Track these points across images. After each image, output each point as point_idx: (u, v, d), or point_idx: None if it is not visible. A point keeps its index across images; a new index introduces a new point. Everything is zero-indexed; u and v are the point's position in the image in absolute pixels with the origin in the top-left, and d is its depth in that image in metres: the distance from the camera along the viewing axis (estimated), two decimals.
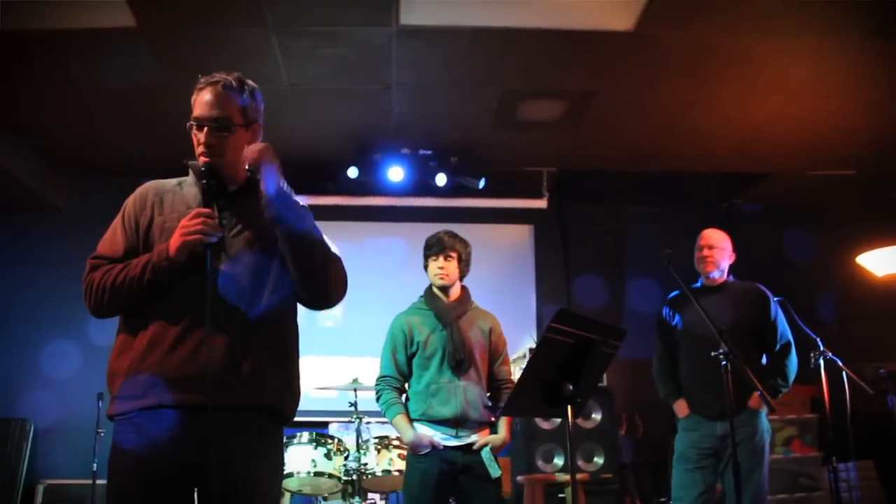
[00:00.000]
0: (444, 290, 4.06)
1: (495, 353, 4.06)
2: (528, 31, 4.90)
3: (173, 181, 2.44)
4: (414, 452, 3.89)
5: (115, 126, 6.07)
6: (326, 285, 2.38)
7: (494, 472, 3.84)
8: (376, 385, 4.05)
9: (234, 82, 2.37)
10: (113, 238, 2.34)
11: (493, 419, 3.97)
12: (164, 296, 2.23)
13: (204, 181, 2.30)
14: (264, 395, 2.26)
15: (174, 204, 2.36)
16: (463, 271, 4.09)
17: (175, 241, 2.20)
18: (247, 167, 2.33)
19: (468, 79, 5.53)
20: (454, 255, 4.02)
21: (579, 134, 6.30)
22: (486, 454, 3.86)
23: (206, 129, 2.31)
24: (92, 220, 6.67)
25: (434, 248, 4.04)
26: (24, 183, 6.35)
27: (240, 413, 2.19)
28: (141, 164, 6.70)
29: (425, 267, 4.10)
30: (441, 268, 4.00)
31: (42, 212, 6.72)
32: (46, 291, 6.39)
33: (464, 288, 4.14)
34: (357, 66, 5.32)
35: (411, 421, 3.92)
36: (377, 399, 4.03)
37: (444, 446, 3.84)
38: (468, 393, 3.88)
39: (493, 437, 3.93)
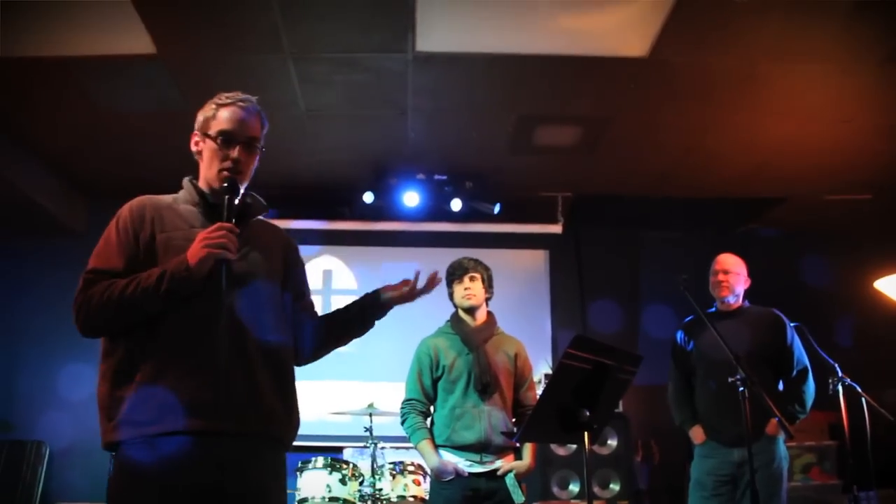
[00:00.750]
0: (471, 312, 4.09)
1: (521, 378, 4.08)
2: (543, 57, 4.92)
3: (168, 197, 2.34)
4: (437, 479, 3.89)
5: (136, 151, 6.11)
6: (318, 355, 2.49)
7: (518, 498, 3.84)
8: (401, 408, 4.07)
9: (258, 106, 2.37)
10: (108, 252, 2.20)
11: (517, 445, 3.97)
12: (170, 315, 2.11)
13: (227, 196, 2.21)
14: (274, 423, 2.22)
15: (175, 221, 2.26)
16: (488, 292, 4.13)
17: (198, 252, 2.08)
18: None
19: (484, 104, 5.55)
20: (477, 275, 4.07)
21: (594, 159, 6.30)
22: (510, 480, 3.86)
23: (238, 145, 2.28)
24: None
25: (457, 272, 4.09)
26: (46, 207, 6.40)
27: (253, 440, 2.15)
28: (161, 188, 6.75)
29: (450, 295, 4.13)
30: (467, 289, 4.05)
31: (63, 236, 6.75)
32: (64, 315, 6.36)
33: (489, 313, 4.17)
34: (373, 91, 5.36)
35: (436, 447, 3.93)
36: (402, 422, 4.04)
37: (469, 473, 3.84)
38: (492, 418, 3.89)
39: (518, 462, 3.93)
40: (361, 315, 2.52)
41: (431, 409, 4.07)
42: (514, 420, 4.05)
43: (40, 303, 6.56)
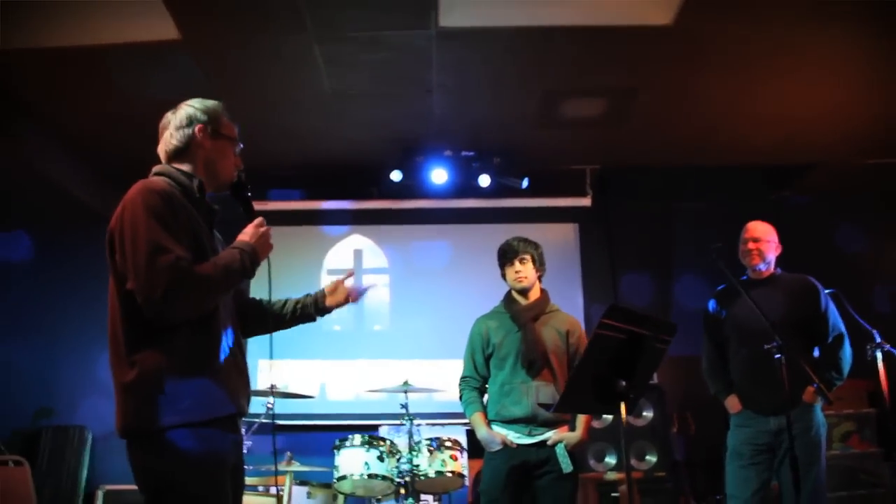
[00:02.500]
0: (523, 292, 4.16)
1: (575, 354, 4.11)
2: (567, 28, 4.89)
3: (166, 187, 2.37)
4: (487, 449, 4.02)
5: (156, 132, 6.12)
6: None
7: (567, 467, 3.89)
8: (459, 385, 4.21)
9: None
10: (171, 234, 2.21)
11: (569, 418, 4.04)
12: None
13: (245, 191, 2.56)
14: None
15: (193, 215, 2.36)
16: (539, 271, 4.19)
17: (265, 246, 2.42)
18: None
19: (509, 79, 5.53)
20: (527, 257, 4.12)
21: (622, 130, 6.26)
22: (560, 450, 3.92)
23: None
24: None
25: (508, 254, 4.15)
26: (77, 196, 6.48)
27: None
28: None
29: (503, 276, 4.20)
30: (518, 271, 4.11)
31: (94, 224, 6.69)
32: (102, 301, 6.47)
33: (543, 291, 4.23)
34: (398, 69, 5.35)
35: (488, 420, 4.04)
36: (459, 398, 4.19)
37: (518, 445, 3.94)
38: (541, 393, 3.95)
39: (569, 434, 4.00)
40: (301, 315, 2.79)
41: (486, 385, 4.17)
42: None
43: (78, 290, 6.63)
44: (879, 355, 4.26)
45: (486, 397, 4.16)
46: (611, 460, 5.76)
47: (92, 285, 6.74)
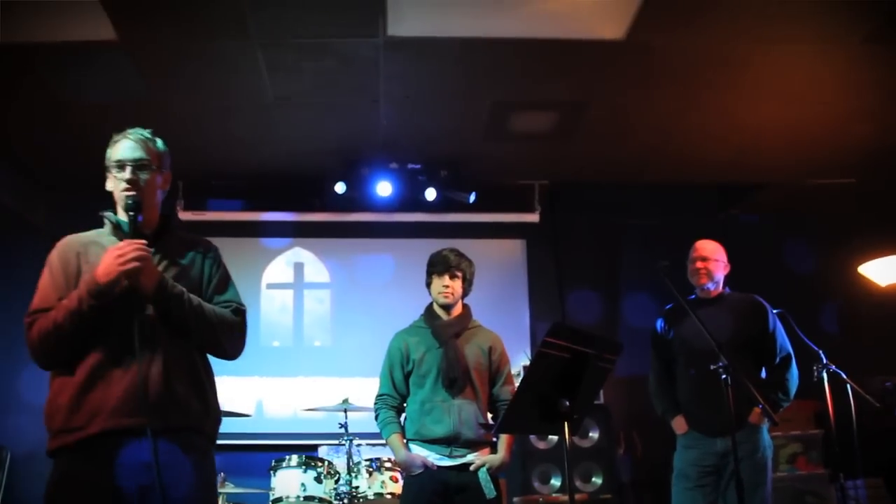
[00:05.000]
0: (446, 308, 4.07)
1: (496, 372, 4.05)
2: (517, 41, 4.84)
3: (92, 233, 2.63)
4: (406, 473, 3.92)
5: (96, 141, 5.82)
6: (218, 349, 2.64)
7: (490, 492, 3.80)
8: (375, 404, 4.07)
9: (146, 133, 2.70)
10: (43, 293, 2.48)
11: (493, 439, 3.96)
12: (95, 333, 2.39)
13: (131, 213, 2.51)
14: (191, 416, 2.49)
15: (98, 253, 2.49)
16: (466, 290, 4.10)
17: (108, 268, 2.35)
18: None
19: (457, 90, 5.46)
20: (459, 274, 4.03)
21: (572, 145, 6.23)
22: (482, 474, 3.84)
23: (130, 167, 2.58)
24: None
25: (439, 265, 4.04)
26: (1, 200, 6.23)
27: (173, 434, 2.41)
28: None
29: (428, 284, 4.11)
30: (446, 286, 4.01)
31: (20, 231, 6.58)
32: (24, 313, 6.22)
33: (465, 306, 4.15)
34: (344, 78, 5.25)
35: (406, 440, 3.94)
36: (375, 417, 4.05)
37: (438, 466, 3.83)
38: (462, 412, 3.87)
39: (491, 457, 3.91)
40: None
41: (404, 404, 4.06)
42: (490, 415, 4.03)
43: None
44: (825, 376, 4.27)
45: (403, 416, 4.05)
46: (556, 482, 5.71)
47: (13, 296, 6.51)
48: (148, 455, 2.28)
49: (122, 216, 2.58)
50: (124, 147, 2.61)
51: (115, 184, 2.59)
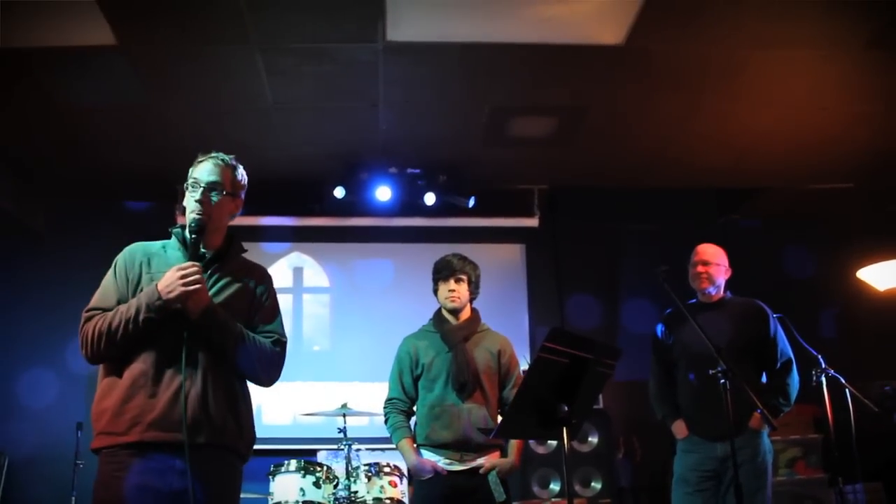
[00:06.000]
0: (454, 312, 4.08)
1: (506, 375, 4.06)
2: (517, 45, 4.84)
3: (158, 244, 2.76)
4: (416, 478, 3.92)
5: (95, 147, 5.98)
6: (254, 378, 2.74)
7: (499, 496, 3.83)
8: (384, 407, 4.09)
9: (229, 158, 2.80)
10: (104, 292, 2.63)
11: (503, 442, 3.97)
12: (146, 343, 2.51)
13: (194, 235, 2.62)
14: (225, 435, 2.58)
15: (160, 265, 2.64)
16: (473, 293, 4.12)
17: (171, 288, 2.45)
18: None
19: (457, 95, 5.46)
20: (464, 277, 4.05)
21: (571, 150, 6.22)
22: (492, 478, 3.85)
23: (202, 190, 2.67)
24: (71, 244, 6.64)
25: (444, 271, 4.07)
26: (0, 206, 6.21)
27: (207, 450, 2.51)
28: (121, 186, 6.63)
29: (435, 291, 4.12)
30: (452, 290, 4.03)
31: (19, 236, 6.59)
32: (24, 318, 6.28)
33: (474, 310, 4.16)
34: (343, 83, 5.26)
35: (416, 445, 3.95)
36: (385, 421, 4.07)
37: (448, 471, 3.85)
38: (472, 416, 3.88)
39: (501, 460, 3.93)
40: None
41: (414, 407, 4.07)
42: (500, 418, 4.02)
43: None
44: (824, 381, 4.26)
45: (412, 420, 4.06)
46: (555, 487, 5.70)
47: (12, 301, 6.54)
48: (182, 468, 2.41)
49: (190, 224, 2.67)
50: (203, 168, 2.71)
51: (188, 201, 2.69)
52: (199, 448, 2.47)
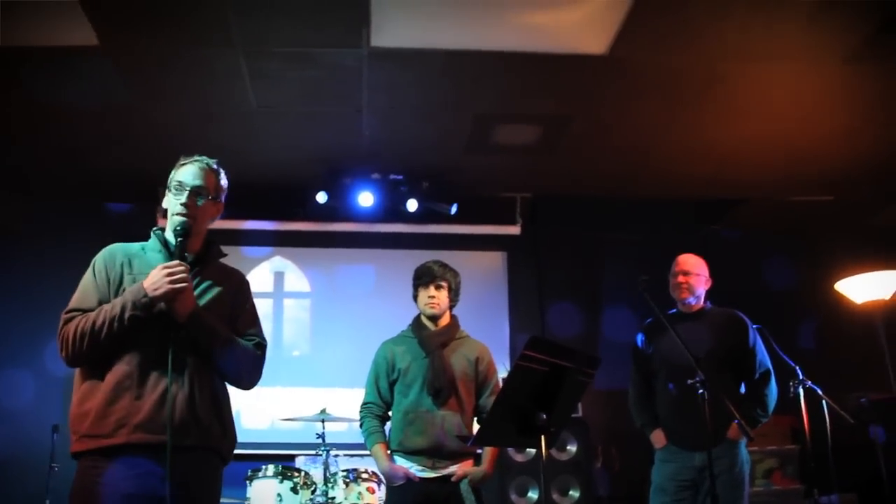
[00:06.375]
0: (433, 318, 4.08)
1: (483, 383, 4.06)
2: (501, 54, 4.84)
3: (137, 245, 2.73)
4: (388, 484, 3.93)
5: (75, 147, 5.94)
6: (235, 381, 2.74)
7: None
8: (360, 411, 4.08)
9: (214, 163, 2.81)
10: (84, 293, 2.59)
11: (478, 451, 3.97)
12: (129, 345, 2.49)
13: (180, 238, 2.61)
14: (211, 437, 2.57)
15: (142, 265, 2.63)
16: (452, 300, 4.12)
17: (158, 284, 2.44)
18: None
19: (441, 102, 5.46)
20: (444, 284, 4.06)
21: (554, 159, 6.23)
22: (464, 486, 3.84)
23: (188, 193, 2.66)
24: (49, 245, 6.59)
25: (424, 277, 4.07)
26: None
27: (193, 453, 2.51)
28: (100, 186, 6.58)
29: (415, 297, 4.13)
30: (432, 297, 4.03)
31: None
32: (0, 318, 6.24)
33: (453, 317, 4.16)
34: (327, 88, 5.24)
35: (390, 451, 3.94)
36: (360, 426, 4.06)
37: (420, 478, 3.84)
38: (446, 423, 3.87)
39: (473, 469, 3.91)
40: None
41: (389, 412, 4.07)
42: (476, 426, 4.03)
43: None
44: (801, 392, 4.28)
45: (387, 426, 4.05)
46: (533, 495, 5.69)
47: None
48: (165, 470, 2.38)
49: (171, 236, 2.68)
50: (188, 171, 2.71)
51: (171, 204, 2.68)
52: (185, 450, 2.46)
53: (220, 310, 2.68)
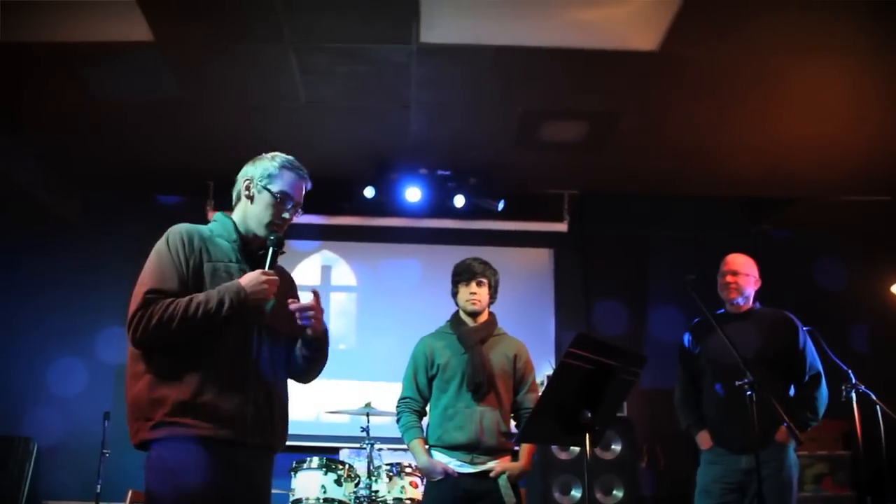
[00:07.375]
0: (473, 315, 4.08)
1: (521, 380, 4.05)
2: (550, 50, 4.82)
3: (205, 228, 2.70)
4: (427, 479, 3.94)
5: (129, 140, 6.06)
6: (307, 379, 2.85)
7: (510, 500, 3.82)
8: (397, 406, 4.09)
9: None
10: (163, 273, 2.52)
11: (515, 447, 3.96)
12: (215, 339, 2.49)
13: (275, 248, 2.65)
14: (277, 437, 2.65)
15: (218, 253, 2.63)
16: (492, 298, 4.12)
17: (257, 288, 2.50)
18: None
19: (489, 98, 5.45)
20: (485, 281, 4.06)
21: (602, 156, 6.19)
22: (502, 482, 3.84)
23: (292, 208, 2.74)
24: (103, 235, 6.73)
25: (464, 274, 4.07)
26: (36, 196, 6.31)
27: (261, 450, 2.57)
28: (153, 178, 6.70)
29: (454, 294, 4.14)
30: (473, 293, 4.04)
31: (53, 226, 6.68)
32: (55, 307, 6.38)
33: (491, 314, 4.16)
34: (376, 83, 5.27)
35: (428, 446, 3.95)
36: (397, 421, 4.07)
37: (459, 473, 3.84)
38: (485, 419, 3.88)
39: (511, 464, 3.91)
40: (305, 354, 2.81)
41: (427, 408, 4.08)
42: (513, 422, 4.04)
43: (31, 294, 6.46)
44: (854, 396, 4.19)
45: (425, 421, 4.07)
46: (576, 494, 5.66)
47: (45, 290, 6.64)
48: (242, 465, 2.47)
49: (257, 229, 2.68)
50: (294, 184, 2.74)
51: (264, 208, 2.69)
52: (256, 447, 2.51)
53: (288, 311, 2.68)
